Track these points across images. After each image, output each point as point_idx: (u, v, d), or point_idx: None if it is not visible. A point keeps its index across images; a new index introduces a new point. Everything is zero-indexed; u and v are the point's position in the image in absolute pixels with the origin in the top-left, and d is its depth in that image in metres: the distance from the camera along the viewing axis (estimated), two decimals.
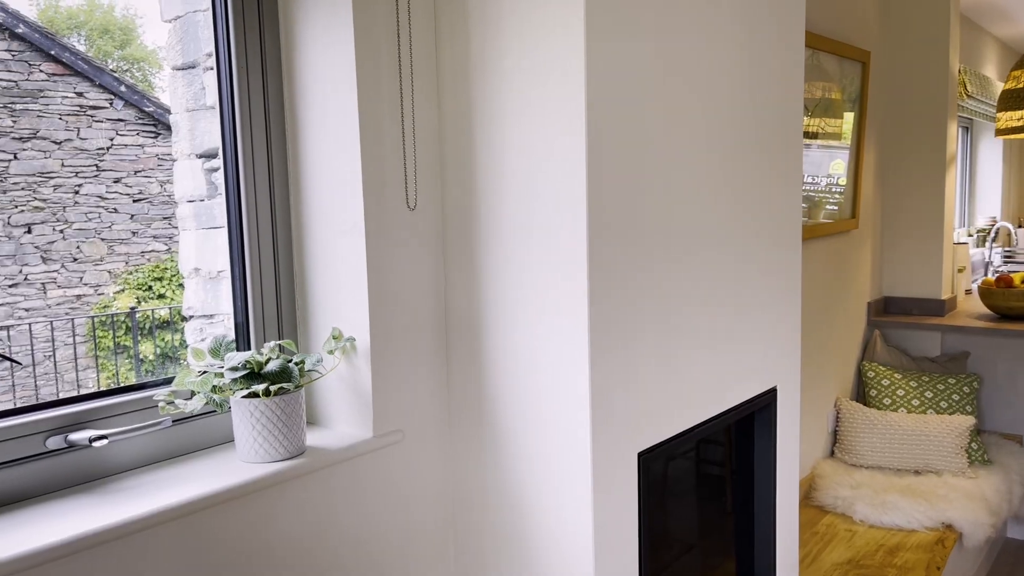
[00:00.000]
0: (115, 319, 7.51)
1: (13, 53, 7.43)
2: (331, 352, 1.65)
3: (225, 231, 1.70)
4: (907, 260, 4.07)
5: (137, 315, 7.35)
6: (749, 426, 2.29)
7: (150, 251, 8.33)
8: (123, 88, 8.09)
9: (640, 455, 1.75)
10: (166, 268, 8.24)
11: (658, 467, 2.02)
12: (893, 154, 4.03)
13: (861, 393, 3.88)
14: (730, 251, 2.04)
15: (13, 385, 6.69)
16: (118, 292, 8.02)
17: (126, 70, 14.32)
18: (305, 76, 1.65)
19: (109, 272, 8.07)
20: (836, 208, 3.59)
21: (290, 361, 1.54)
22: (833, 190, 3.56)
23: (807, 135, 3.27)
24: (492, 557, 1.79)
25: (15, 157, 7.42)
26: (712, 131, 1.94)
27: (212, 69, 1.72)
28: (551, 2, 1.55)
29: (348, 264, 1.64)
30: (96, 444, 1.34)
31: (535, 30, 1.58)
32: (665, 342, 1.82)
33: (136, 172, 8.19)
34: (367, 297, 1.63)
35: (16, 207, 7.46)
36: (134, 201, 8.20)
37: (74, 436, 1.36)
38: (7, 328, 6.53)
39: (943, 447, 3.46)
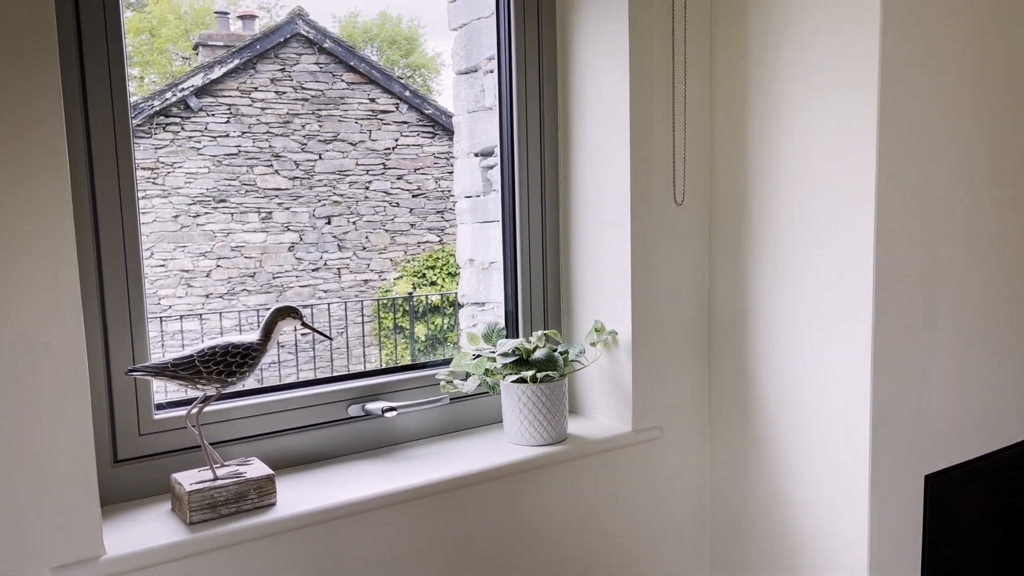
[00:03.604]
0: (395, 302, 8.33)
1: (320, 65, 8.52)
2: (593, 344, 1.68)
3: (498, 225, 1.81)
4: None
5: (413, 300, 8.08)
6: None
7: (425, 242, 9.12)
8: (407, 93, 8.91)
9: (927, 479, 1.58)
10: (438, 258, 8.97)
11: (949, 494, 1.80)
12: None
13: None
14: None
15: (314, 356, 7.70)
16: (397, 278, 8.88)
17: (409, 76, 15.78)
18: (579, 75, 1.70)
19: (391, 260, 8.97)
20: None
21: (555, 350, 1.60)
22: None
23: None
24: (751, 564, 1.73)
25: (320, 157, 8.52)
26: None
27: (492, 72, 1.83)
28: None
29: (613, 258, 1.66)
30: (387, 415, 1.50)
31: (822, 20, 1.48)
32: (963, 354, 1.62)
33: (415, 170, 9.01)
34: (630, 291, 1.64)
35: (319, 201, 8.56)
36: (413, 196, 9.02)
37: (370, 406, 1.53)
38: (310, 307, 7.52)
39: None
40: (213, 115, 8.07)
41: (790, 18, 1.53)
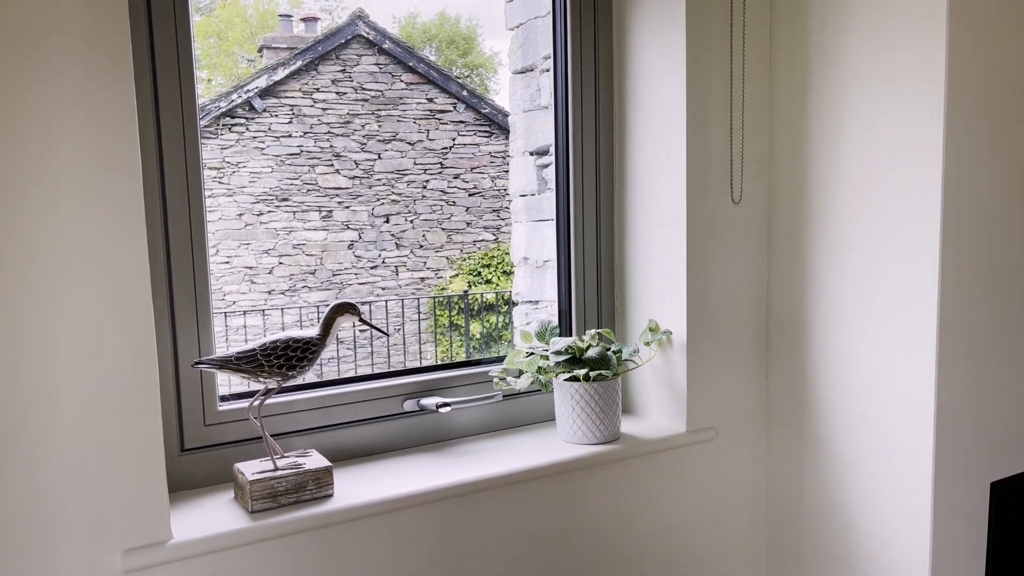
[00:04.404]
0: (450, 300, 8.41)
1: (380, 66, 8.65)
2: (647, 344, 1.67)
3: (553, 223, 1.81)
4: None
5: (468, 298, 8.14)
6: None
7: (480, 240, 9.19)
8: (464, 93, 8.98)
9: (993, 486, 1.52)
10: (493, 256, 9.02)
11: (1016, 502, 1.74)
12: None
13: None
14: None
15: (371, 352, 7.83)
16: (453, 276, 8.97)
17: (467, 76, 15.89)
18: (635, 74, 1.69)
19: (447, 258, 9.06)
20: None
21: (608, 349, 1.60)
22: None
23: None
24: (808, 568, 1.69)
25: (379, 157, 8.65)
26: None
27: (548, 71, 1.84)
28: None
29: (668, 257, 1.65)
30: (442, 410, 1.52)
31: (887, 21, 1.44)
32: None
33: (472, 169, 9.07)
34: (685, 291, 1.62)
35: (378, 200, 8.70)
36: (469, 195, 9.09)
37: (425, 401, 1.56)
38: (368, 304, 7.65)
39: None
40: (276, 116, 8.28)
41: (852, 17, 1.50)
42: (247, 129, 8.21)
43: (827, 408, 1.62)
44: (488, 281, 8.86)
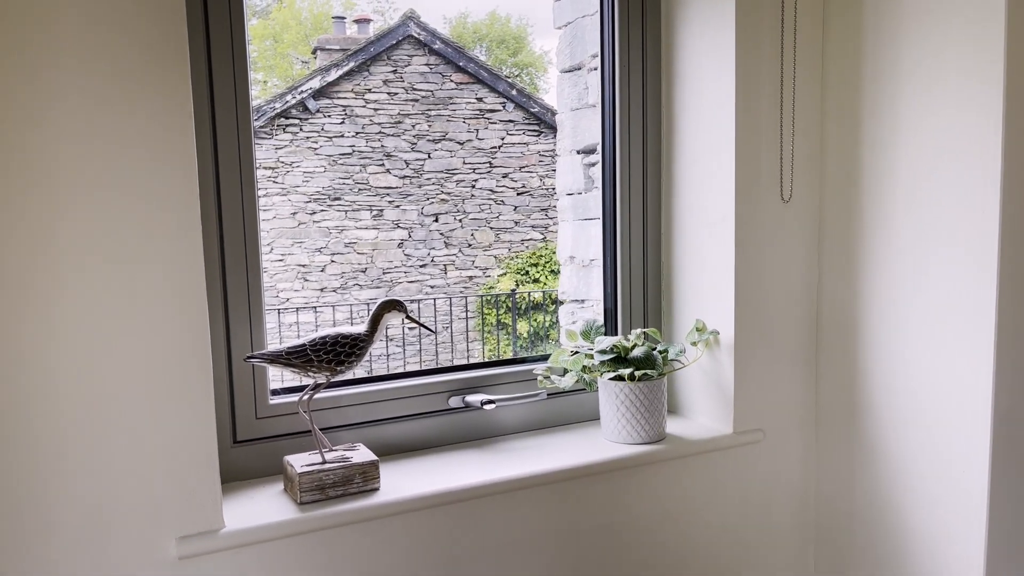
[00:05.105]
0: (498, 299, 8.44)
1: (431, 66, 8.73)
2: (694, 344, 1.66)
3: (599, 222, 1.81)
4: None
5: (516, 296, 8.15)
6: None
7: (528, 239, 9.19)
8: (514, 92, 9.00)
9: None
10: (541, 255, 9.02)
11: None
12: None
13: None
14: None
15: (420, 350, 7.91)
16: (501, 275, 8.99)
17: (516, 75, 15.91)
18: (683, 72, 1.68)
19: (495, 257, 9.09)
20: None
21: (654, 349, 1.59)
22: None
23: None
24: (857, 570, 1.66)
25: (429, 156, 8.73)
26: None
27: (596, 70, 1.84)
28: None
29: (715, 256, 1.64)
30: (486, 407, 1.53)
31: (943, 17, 1.40)
32: None
33: (520, 168, 9.09)
34: (733, 290, 1.61)
35: (428, 199, 8.78)
36: (518, 194, 9.11)
37: (470, 398, 1.57)
38: (417, 302, 7.73)
39: None
40: (329, 116, 8.41)
41: (907, 12, 1.46)
42: (301, 129, 8.37)
43: (878, 410, 1.58)
44: (536, 280, 8.86)
